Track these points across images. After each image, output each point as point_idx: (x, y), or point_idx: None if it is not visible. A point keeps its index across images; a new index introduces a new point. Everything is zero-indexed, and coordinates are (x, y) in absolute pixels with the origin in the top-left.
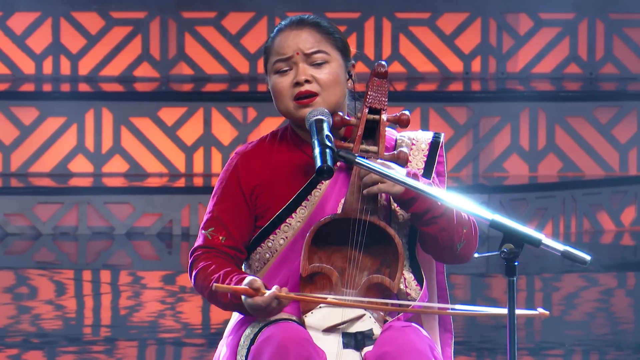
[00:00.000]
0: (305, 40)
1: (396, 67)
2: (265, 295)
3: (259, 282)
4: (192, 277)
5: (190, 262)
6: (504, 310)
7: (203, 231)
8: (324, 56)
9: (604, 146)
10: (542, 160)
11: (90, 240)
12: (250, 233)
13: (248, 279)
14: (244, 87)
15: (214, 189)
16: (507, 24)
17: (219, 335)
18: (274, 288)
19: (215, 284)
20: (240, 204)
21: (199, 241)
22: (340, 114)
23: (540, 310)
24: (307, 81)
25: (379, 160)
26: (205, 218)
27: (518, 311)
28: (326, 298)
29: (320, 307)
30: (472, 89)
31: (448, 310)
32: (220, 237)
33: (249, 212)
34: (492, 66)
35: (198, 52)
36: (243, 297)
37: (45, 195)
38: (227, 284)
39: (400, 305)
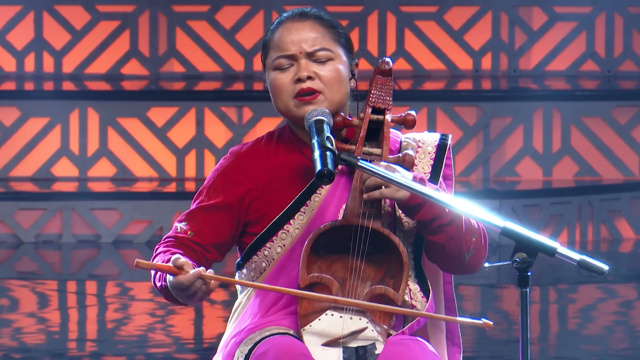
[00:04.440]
0: (307, 37)
1: (401, 64)
2: (189, 273)
3: (183, 259)
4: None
5: (155, 248)
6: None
7: (176, 223)
8: (327, 53)
9: (623, 148)
10: (556, 163)
11: (75, 249)
12: (229, 237)
13: (173, 257)
14: (238, 86)
15: (201, 187)
16: (519, 19)
17: (211, 350)
18: (200, 268)
19: (137, 260)
20: (222, 206)
21: (170, 232)
22: (342, 114)
23: (485, 320)
24: (309, 78)
25: (382, 163)
26: (184, 212)
27: (462, 319)
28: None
29: (319, 319)
30: (483, 87)
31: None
32: (189, 232)
33: (231, 215)
34: (503, 63)
35: (190, 48)
36: (168, 277)
37: (27, 200)
38: (165, 260)
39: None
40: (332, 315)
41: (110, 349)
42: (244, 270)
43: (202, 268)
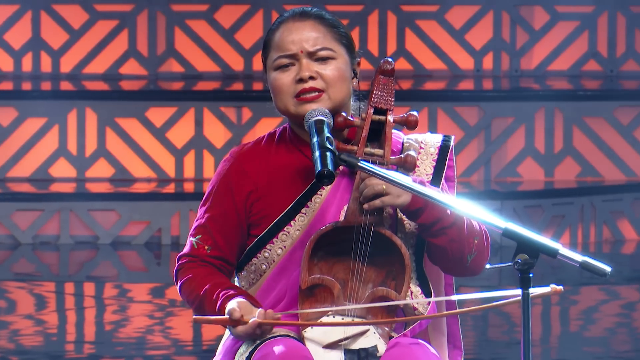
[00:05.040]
0: (308, 36)
1: (402, 64)
2: (248, 324)
3: (238, 313)
4: (178, 288)
5: (175, 270)
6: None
7: (191, 238)
8: (329, 52)
9: (626, 149)
10: (558, 164)
11: (72, 250)
12: (241, 243)
13: (229, 307)
14: (238, 86)
15: (205, 193)
16: (521, 18)
17: (211, 352)
18: (257, 313)
19: (194, 317)
20: (230, 213)
21: (185, 248)
22: (344, 114)
23: (553, 286)
24: (311, 78)
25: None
26: (194, 224)
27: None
28: (318, 318)
29: (320, 321)
30: (484, 87)
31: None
32: (206, 247)
33: (239, 221)
34: (505, 63)
35: (189, 48)
36: (228, 326)
37: (25, 201)
38: (214, 299)
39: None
40: (334, 317)
41: (108, 351)
42: (243, 273)
43: (258, 314)
